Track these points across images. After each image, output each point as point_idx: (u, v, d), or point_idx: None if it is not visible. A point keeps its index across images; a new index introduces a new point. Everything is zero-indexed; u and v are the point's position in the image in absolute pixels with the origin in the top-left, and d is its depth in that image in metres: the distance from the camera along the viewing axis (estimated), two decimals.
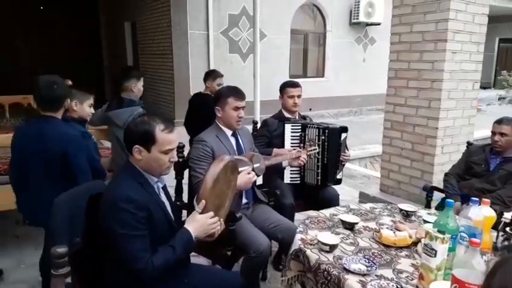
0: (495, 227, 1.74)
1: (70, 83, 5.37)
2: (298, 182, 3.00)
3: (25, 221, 2.46)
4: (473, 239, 1.22)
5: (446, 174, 2.96)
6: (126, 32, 11.07)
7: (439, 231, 1.40)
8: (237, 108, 2.44)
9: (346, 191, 4.91)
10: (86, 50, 12.09)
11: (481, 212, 1.51)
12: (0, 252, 3.14)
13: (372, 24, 10.98)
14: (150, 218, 1.59)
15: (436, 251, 1.37)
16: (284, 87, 3.17)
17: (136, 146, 1.61)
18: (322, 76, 11.06)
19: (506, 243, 1.63)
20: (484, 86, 13.73)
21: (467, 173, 2.87)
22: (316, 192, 2.98)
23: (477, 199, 1.53)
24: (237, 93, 2.49)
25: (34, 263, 2.55)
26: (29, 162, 2.29)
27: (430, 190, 2.93)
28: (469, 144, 3.14)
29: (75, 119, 2.71)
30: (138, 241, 1.52)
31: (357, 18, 10.60)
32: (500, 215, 2.06)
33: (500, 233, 1.69)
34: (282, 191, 2.83)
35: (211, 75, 4.32)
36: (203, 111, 3.59)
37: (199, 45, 8.54)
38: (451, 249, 1.47)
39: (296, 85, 3.16)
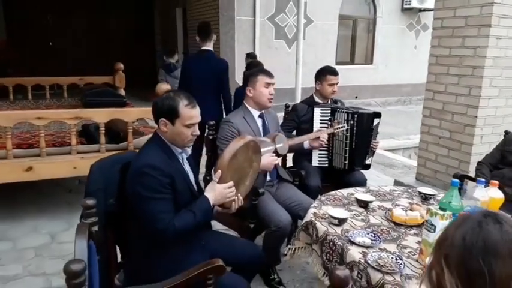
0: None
1: (122, 66, 5.75)
2: (326, 165, 3.04)
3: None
4: (461, 213, 1.25)
5: (479, 163, 2.88)
6: (178, 18, 11.43)
7: (440, 209, 1.44)
8: (268, 85, 2.55)
9: (382, 179, 4.87)
10: (140, 37, 12.71)
11: (487, 193, 1.51)
12: (53, 216, 3.50)
13: (425, 10, 10.52)
14: (173, 186, 1.73)
15: (435, 227, 1.42)
16: (324, 74, 3.12)
17: (162, 118, 1.77)
18: (371, 63, 10.80)
19: None
20: None
21: (501, 162, 2.78)
22: (343, 176, 3.02)
23: (483, 180, 1.54)
24: (266, 71, 2.63)
25: None
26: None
27: (460, 178, 2.87)
28: (506, 133, 3.03)
29: None
30: (160, 203, 1.66)
31: (409, 4, 10.22)
32: None
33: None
34: (308, 172, 2.90)
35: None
36: None
37: (245, 31, 8.65)
38: None
39: (336, 73, 3.16)
